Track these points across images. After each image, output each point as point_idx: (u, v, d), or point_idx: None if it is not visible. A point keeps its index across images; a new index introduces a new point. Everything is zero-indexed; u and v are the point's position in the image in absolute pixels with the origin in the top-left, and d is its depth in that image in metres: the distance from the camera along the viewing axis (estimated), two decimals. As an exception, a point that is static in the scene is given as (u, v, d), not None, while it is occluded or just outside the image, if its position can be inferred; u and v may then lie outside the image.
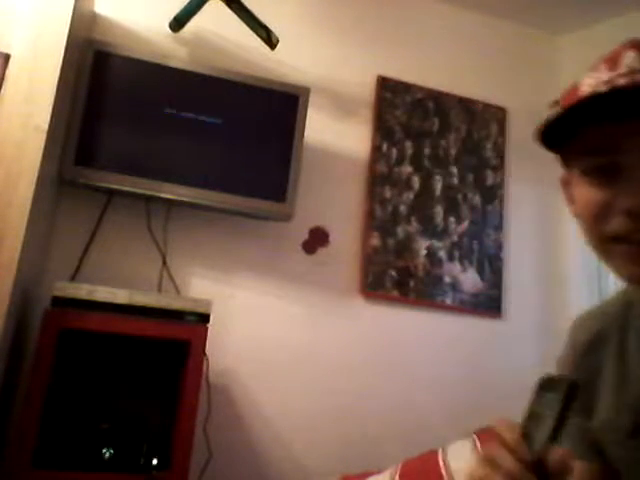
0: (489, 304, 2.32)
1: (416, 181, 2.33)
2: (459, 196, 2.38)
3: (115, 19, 2.09)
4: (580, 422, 0.79)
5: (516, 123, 2.54)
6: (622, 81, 0.59)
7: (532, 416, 0.58)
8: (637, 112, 0.61)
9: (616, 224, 0.63)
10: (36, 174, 1.53)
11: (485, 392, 2.24)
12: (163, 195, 1.87)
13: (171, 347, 1.66)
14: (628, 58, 0.62)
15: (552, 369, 2.29)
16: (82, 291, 1.59)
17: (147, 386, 1.65)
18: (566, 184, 0.74)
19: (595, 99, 0.61)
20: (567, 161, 0.71)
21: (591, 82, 0.63)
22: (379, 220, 2.25)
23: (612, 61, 0.63)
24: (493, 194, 2.43)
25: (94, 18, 2.06)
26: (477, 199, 2.40)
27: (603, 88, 0.60)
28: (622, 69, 0.61)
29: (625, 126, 0.62)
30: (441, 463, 1.49)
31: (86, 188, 1.89)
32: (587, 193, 0.66)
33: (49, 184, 1.73)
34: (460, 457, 1.50)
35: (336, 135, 2.27)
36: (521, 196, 2.49)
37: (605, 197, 0.64)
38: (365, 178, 2.29)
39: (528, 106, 2.57)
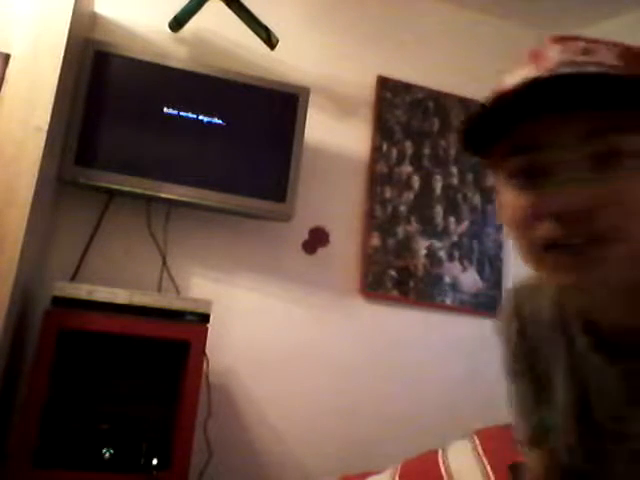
0: (489, 304, 2.32)
1: (416, 181, 2.33)
2: (459, 196, 2.38)
3: (115, 19, 2.09)
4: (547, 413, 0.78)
5: (516, 123, 2.53)
6: (545, 74, 0.56)
7: None
8: (561, 106, 0.56)
9: (544, 230, 0.58)
10: (36, 174, 1.53)
11: (485, 392, 2.24)
12: (163, 195, 1.87)
13: (171, 347, 1.66)
14: (553, 52, 0.59)
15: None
16: (82, 291, 1.59)
17: (147, 386, 1.65)
18: (497, 192, 0.68)
19: (518, 95, 0.56)
20: (494, 167, 0.66)
21: (515, 79, 0.58)
22: (379, 220, 2.25)
23: (535, 57, 0.61)
24: (493, 194, 2.43)
25: (94, 18, 2.06)
26: (477, 199, 2.40)
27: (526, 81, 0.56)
28: (548, 64, 0.58)
29: (548, 121, 0.57)
30: (441, 463, 1.49)
31: (86, 188, 1.89)
32: (513, 198, 0.61)
33: (49, 184, 1.73)
34: (460, 457, 1.50)
35: (336, 135, 2.27)
36: (521, 196, 2.49)
37: (531, 201, 0.59)
38: (365, 178, 2.29)
39: (528, 106, 2.56)
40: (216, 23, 2.15)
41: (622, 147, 0.56)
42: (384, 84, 2.37)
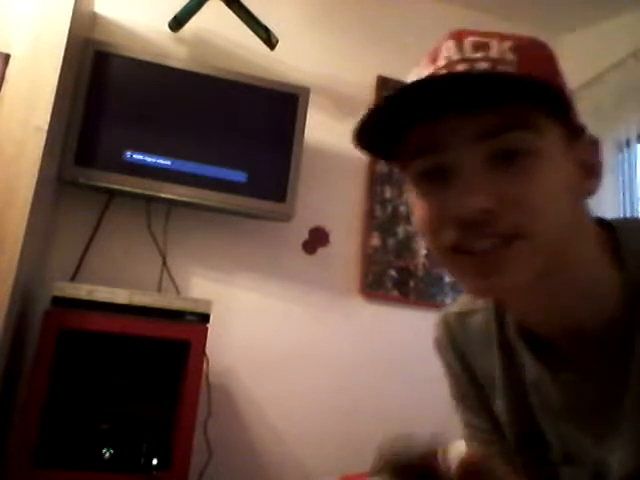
0: (489, 304, 2.32)
1: (416, 181, 2.33)
2: (459, 196, 2.38)
3: (115, 19, 2.09)
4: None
5: (516, 123, 2.53)
6: (439, 73, 0.55)
7: None
8: (458, 105, 0.55)
9: (449, 236, 0.57)
10: (36, 174, 1.53)
11: (485, 392, 2.24)
12: (163, 195, 1.87)
13: (171, 347, 1.66)
14: (447, 49, 0.57)
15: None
16: (82, 291, 1.59)
17: (147, 386, 1.65)
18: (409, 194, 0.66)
19: (415, 94, 0.55)
20: (402, 168, 0.63)
21: (411, 77, 0.57)
22: (379, 220, 2.25)
23: (433, 54, 0.59)
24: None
25: (94, 18, 2.06)
26: (477, 199, 2.40)
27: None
28: (441, 61, 0.57)
29: (448, 121, 0.56)
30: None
31: (86, 188, 1.89)
32: (420, 203, 0.60)
33: (49, 184, 1.73)
34: (460, 457, 1.50)
35: (336, 135, 2.27)
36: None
37: (436, 207, 0.58)
38: (365, 178, 2.29)
39: (528, 106, 2.57)
40: (216, 23, 2.15)
41: (518, 145, 0.55)
42: (384, 84, 2.37)
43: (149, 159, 1.86)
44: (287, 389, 2.05)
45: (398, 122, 0.58)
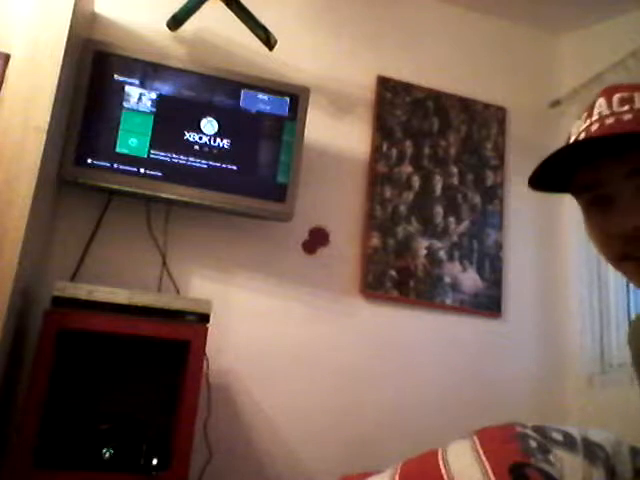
0: (489, 304, 2.32)
1: (416, 181, 2.33)
2: (459, 196, 2.38)
3: (115, 19, 2.09)
4: None
5: (516, 123, 2.53)
6: (592, 129, 0.72)
7: None
8: (611, 151, 0.71)
9: (617, 247, 0.74)
10: (36, 174, 1.53)
11: (485, 392, 2.24)
12: (163, 195, 1.87)
13: (171, 347, 1.66)
14: (598, 107, 0.74)
15: (551, 370, 2.26)
16: (82, 291, 1.59)
17: (147, 386, 1.65)
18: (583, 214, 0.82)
19: (577, 145, 0.73)
20: (575, 196, 0.81)
21: (574, 131, 0.76)
22: (379, 220, 2.25)
23: (589, 110, 0.75)
24: (493, 194, 2.43)
25: (94, 18, 2.06)
26: (477, 199, 2.40)
27: (581, 136, 0.73)
28: (595, 117, 0.73)
29: (605, 163, 0.73)
30: (441, 463, 1.49)
31: (86, 188, 1.89)
32: (590, 222, 0.78)
33: (49, 184, 1.73)
34: (460, 457, 1.49)
35: (336, 135, 2.27)
36: (521, 196, 2.49)
37: (604, 225, 0.75)
38: (365, 178, 2.29)
39: (528, 106, 2.57)
40: (216, 23, 2.15)
41: None
42: (384, 84, 2.37)
43: (149, 159, 1.86)
44: (287, 389, 2.05)
45: (567, 164, 0.76)
